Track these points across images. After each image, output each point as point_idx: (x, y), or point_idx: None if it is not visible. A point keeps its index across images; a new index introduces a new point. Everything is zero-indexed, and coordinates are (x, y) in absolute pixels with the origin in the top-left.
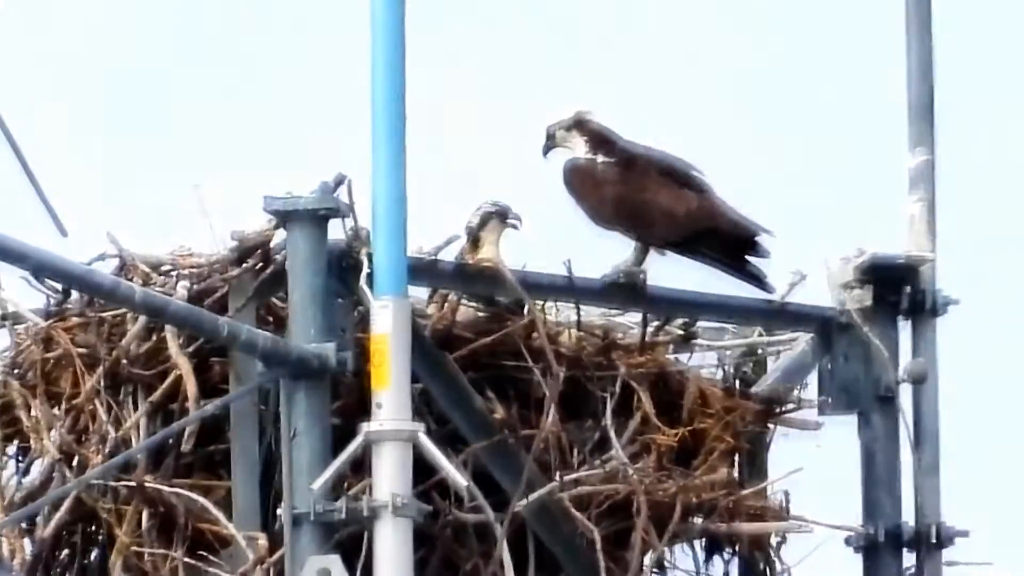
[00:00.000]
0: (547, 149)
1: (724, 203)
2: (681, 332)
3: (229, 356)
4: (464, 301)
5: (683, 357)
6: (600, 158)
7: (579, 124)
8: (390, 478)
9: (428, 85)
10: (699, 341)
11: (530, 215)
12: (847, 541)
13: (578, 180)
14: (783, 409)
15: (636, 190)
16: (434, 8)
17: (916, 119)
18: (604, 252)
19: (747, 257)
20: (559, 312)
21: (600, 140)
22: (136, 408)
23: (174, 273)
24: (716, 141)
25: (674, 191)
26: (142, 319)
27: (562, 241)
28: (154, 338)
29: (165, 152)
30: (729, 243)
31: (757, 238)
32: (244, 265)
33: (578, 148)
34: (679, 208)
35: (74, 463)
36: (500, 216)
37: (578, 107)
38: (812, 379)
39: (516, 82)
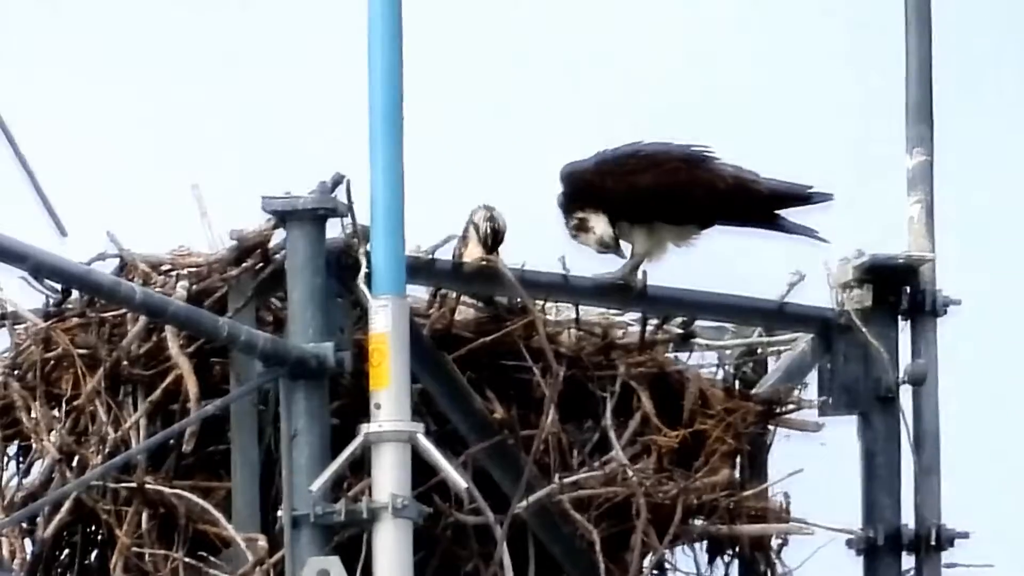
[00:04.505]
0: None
1: (742, 170)
2: (680, 332)
3: (229, 356)
4: (465, 299)
5: (683, 357)
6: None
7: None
8: (390, 479)
9: (426, 83)
10: (698, 341)
11: (529, 212)
12: (848, 543)
13: (600, 178)
14: (783, 410)
15: (669, 172)
16: (431, 7)
17: (914, 120)
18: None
19: (778, 212)
20: (558, 311)
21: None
22: (136, 409)
23: (173, 273)
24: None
25: (704, 167)
26: (142, 319)
27: (561, 240)
28: (154, 338)
29: (165, 152)
30: (773, 204)
31: (803, 193)
32: (243, 265)
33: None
34: (718, 182)
35: (74, 464)
36: (483, 216)
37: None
38: (812, 379)
39: (514, 78)
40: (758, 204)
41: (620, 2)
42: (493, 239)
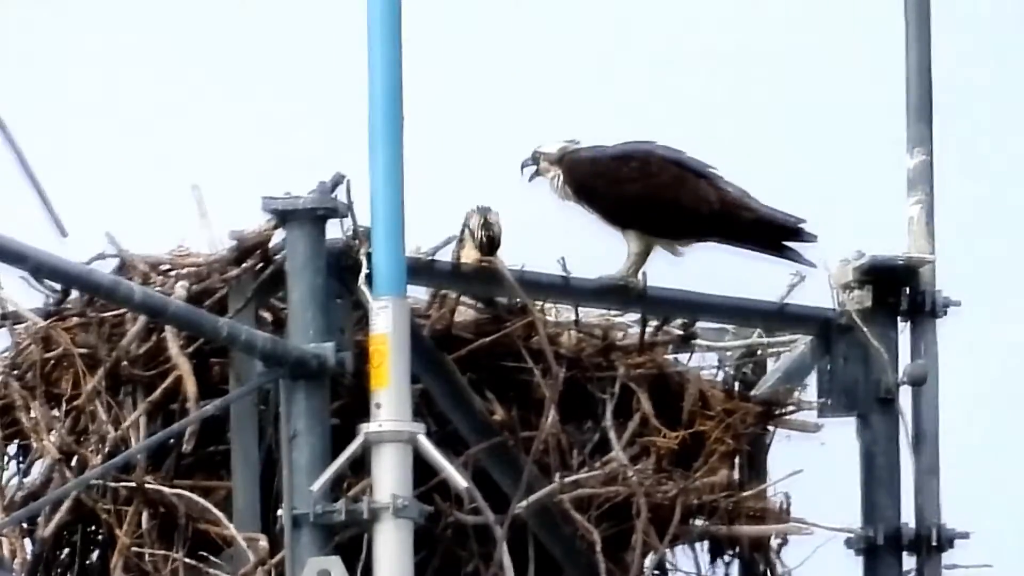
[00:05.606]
0: (532, 175)
1: (744, 194)
2: (680, 333)
3: (229, 356)
4: (465, 300)
5: (683, 358)
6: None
7: (562, 160)
8: (390, 479)
9: (426, 84)
10: (699, 342)
11: (529, 213)
12: (847, 543)
13: (592, 178)
14: (783, 411)
15: (657, 187)
16: (432, 7)
17: (914, 120)
18: (602, 251)
19: (784, 242)
20: (558, 312)
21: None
22: (136, 408)
23: (173, 273)
24: (714, 142)
25: (694, 186)
26: (142, 319)
27: (560, 241)
28: (154, 338)
29: (165, 152)
30: (757, 232)
31: (791, 225)
32: (243, 265)
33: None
34: (702, 206)
35: (74, 463)
36: (478, 223)
37: (565, 140)
38: (812, 381)
39: (514, 80)
40: (742, 231)
41: (621, 2)
42: (489, 245)
